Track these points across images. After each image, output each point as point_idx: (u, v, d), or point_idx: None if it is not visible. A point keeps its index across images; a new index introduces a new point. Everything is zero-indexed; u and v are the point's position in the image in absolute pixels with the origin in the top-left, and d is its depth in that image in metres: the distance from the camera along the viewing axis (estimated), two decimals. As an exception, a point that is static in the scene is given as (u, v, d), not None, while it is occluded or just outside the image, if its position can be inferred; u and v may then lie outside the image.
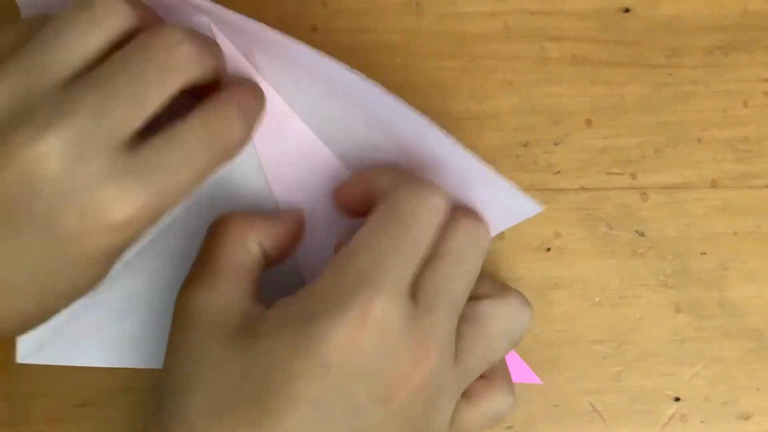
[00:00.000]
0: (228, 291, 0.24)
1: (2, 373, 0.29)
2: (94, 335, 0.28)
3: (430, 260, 0.24)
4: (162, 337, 0.28)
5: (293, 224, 0.27)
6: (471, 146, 0.30)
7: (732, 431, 0.30)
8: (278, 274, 0.28)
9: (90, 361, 0.29)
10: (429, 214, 0.24)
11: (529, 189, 0.30)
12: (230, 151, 0.24)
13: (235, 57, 0.27)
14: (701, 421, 0.30)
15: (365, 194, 0.26)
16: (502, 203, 0.25)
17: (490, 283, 0.26)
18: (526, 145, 0.30)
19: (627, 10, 0.30)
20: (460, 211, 0.25)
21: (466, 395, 0.25)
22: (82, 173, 0.21)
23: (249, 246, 0.25)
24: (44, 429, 0.28)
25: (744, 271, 0.30)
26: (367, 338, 0.22)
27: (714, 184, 0.30)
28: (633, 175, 0.30)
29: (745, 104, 0.30)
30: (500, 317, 0.25)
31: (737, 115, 0.30)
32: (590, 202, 0.30)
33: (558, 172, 0.30)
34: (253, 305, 0.24)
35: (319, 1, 0.30)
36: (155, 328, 0.28)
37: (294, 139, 0.29)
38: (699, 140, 0.30)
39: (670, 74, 0.30)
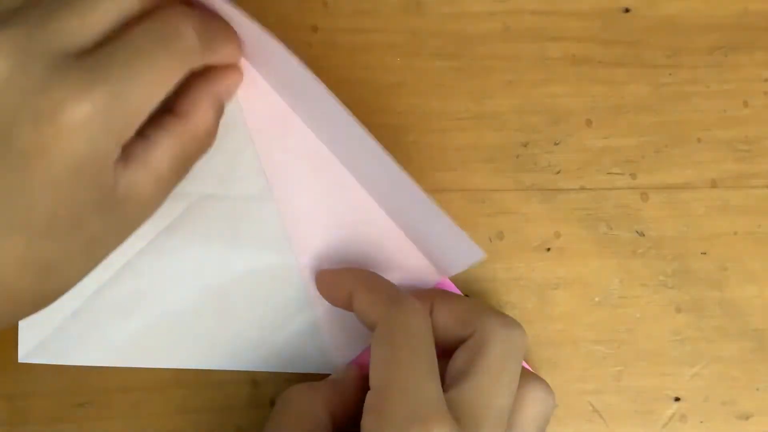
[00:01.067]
0: None
1: (2, 373, 0.29)
2: (96, 334, 0.28)
3: (465, 376, 0.24)
4: (163, 337, 0.29)
5: (356, 384, 0.27)
6: (471, 146, 0.30)
7: (732, 431, 0.30)
8: (278, 278, 0.28)
9: (92, 360, 0.29)
10: (426, 324, 0.24)
11: (529, 189, 0.30)
12: (182, 56, 0.23)
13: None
14: (701, 421, 0.30)
15: (344, 294, 0.27)
16: (455, 248, 0.26)
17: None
18: (526, 145, 0.30)
19: (627, 10, 0.30)
20: (494, 323, 0.25)
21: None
22: (29, 77, 0.21)
23: (318, 417, 0.25)
24: (44, 429, 0.28)
25: (744, 271, 0.30)
26: None
27: (714, 184, 0.30)
28: (633, 175, 0.30)
29: (745, 104, 0.30)
30: (535, 410, 0.25)
31: (737, 115, 0.30)
32: (590, 202, 0.30)
33: (558, 172, 0.30)
34: None
35: (319, 1, 0.30)
36: (157, 328, 0.29)
37: (294, 139, 0.29)
38: (699, 140, 0.30)
39: (670, 74, 0.30)
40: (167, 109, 0.25)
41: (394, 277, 0.28)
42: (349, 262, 0.29)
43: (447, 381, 0.24)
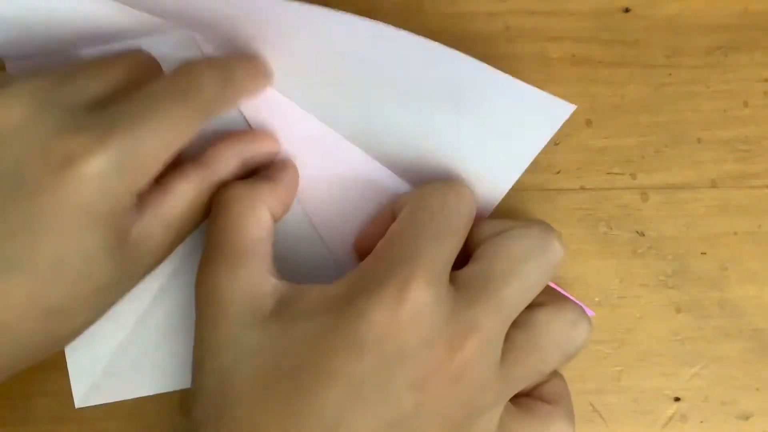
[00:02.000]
0: (253, 272, 0.24)
1: (2, 373, 0.29)
2: (146, 363, 0.28)
3: (478, 259, 0.24)
4: None
5: (294, 181, 0.27)
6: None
7: (732, 431, 0.30)
8: (304, 256, 0.28)
9: (148, 389, 0.28)
10: (458, 202, 0.24)
11: (528, 189, 0.30)
12: (200, 107, 0.24)
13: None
14: (701, 421, 0.30)
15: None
16: (538, 113, 0.26)
17: (549, 292, 0.26)
18: (526, 145, 0.30)
19: (627, 10, 0.30)
20: (534, 227, 0.25)
21: (526, 411, 0.25)
22: (45, 124, 0.21)
23: (261, 216, 0.25)
24: (44, 429, 0.28)
25: (744, 271, 0.30)
26: (403, 319, 0.22)
27: (714, 184, 0.30)
28: (633, 175, 0.30)
29: (745, 104, 0.30)
30: (554, 329, 0.25)
31: (737, 115, 0.30)
32: (590, 202, 0.30)
33: (558, 172, 0.30)
34: (280, 282, 0.24)
35: (319, 1, 0.30)
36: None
37: (296, 126, 0.29)
38: (699, 140, 0.30)
39: (670, 74, 0.30)
40: (191, 157, 0.25)
41: None
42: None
43: (470, 253, 0.24)
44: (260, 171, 0.27)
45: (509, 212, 0.30)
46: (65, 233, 0.22)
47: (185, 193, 0.25)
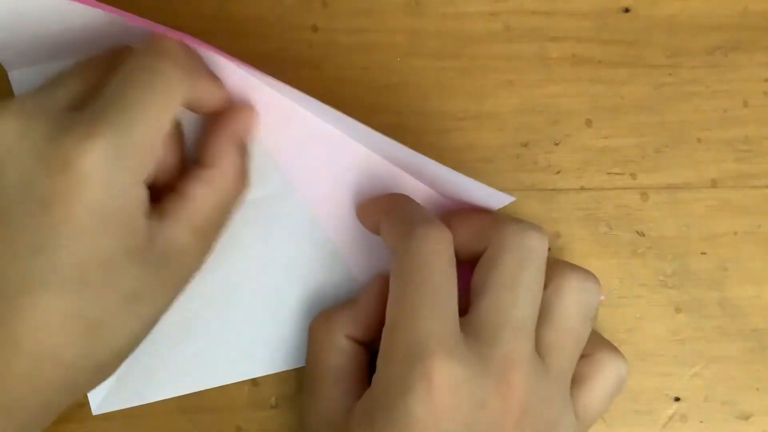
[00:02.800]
0: (330, 399, 0.25)
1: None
2: (160, 367, 0.28)
3: (476, 297, 0.24)
4: (226, 352, 0.28)
5: (376, 301, 0.27)
6: (470, 146, 0.30)
7: (732, 431, 0.30)
8: (321, 266, 0.29)
9: (164, 393, 0.29)
10: (431, 254, 0.23)
11: (529, 189, 0.30)
12: (177, 73, 0.23)
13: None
14: (701, 421, 0.30)
15: (374, 223, 0.27)
16: (481, 201, 0.27)
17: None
18: (526, 145, 0.30)
19: (627, 10, 0.30)
20: (506, 232, 0.24)
21: (577, 382, 0.25)
22: (37, 133, 0.22)
23: (338, 344, 0.26)
24: (44, 429, 0.28)
25: (744, 271, 0.30)
26: (446, 403, 0.22)
27: (714, 184, 0.30)
28: (633, 175, 0.30)
29: (745, 104, 0.30)
30: (571, 307, 0.24)
31: (737, 115, 0.30)
32: (590, 202, 0.30)
33: (558, 172, 0.30)
34: (354, 404, 0.25)
35: (319, 1, 0.30)
36: (217, 345, 0.28)
37: (300, 125, 0.29)
38: (699, 140, 0.30)
39: (670, 74, 0.30)
40: (197, 162, 0.26)
41: None
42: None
43: (471, 299, 0.24)
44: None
45: (510, 212, 0.30)
46: (82, 240, 0.22)
47: (205, 196, 0.25)
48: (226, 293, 0.29)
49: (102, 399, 0.28)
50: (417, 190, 0.29)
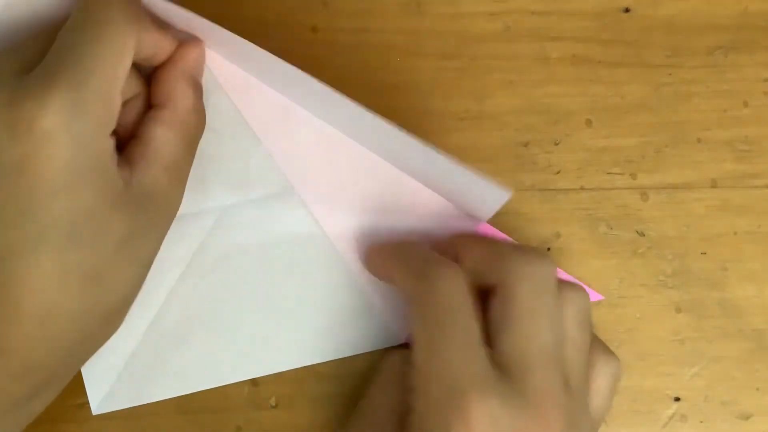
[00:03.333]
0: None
1: (2, 373, 0.28)
2: (160, 368, 0.28)
3: (502, 328, 0.24)
4: (225, 352, 0.28)
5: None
6: (471, 146, 0.30)
7: (732, 431, 0.30)
8: (322, 267, 0.29)
9: (163, 394, 0.29)
10: (446, 292, 0.24)
11: (529, 189, 0.30)
12: (122, 15, 0.23)
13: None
14: (701, 421, 0.30)
15: (385, 273, 0.27)
16: (480, 196, 0.26)
17: None
18: (526, 145, 0.30)
19: (627, 10, 0.30)
20: (515, 264, 0.24)
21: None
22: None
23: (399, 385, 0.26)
24: (44, 429, 0.28)
25: (744, 271, 0.30)
26: None
27: (714, 184, 0.30)
28: (633, 175, 0.30)
29: (745, 104, 0.30)
30: (569, 314, 0.25)
31: (737, 115, 0.30)
32: (590, 202, 0.30)
33: (558, 172, 0.30)
34: None
35: (319, 1, 0.30)
36: (216, 346, 0.28)
37: (299, 127, 0.29)
38: (699, 140, 0.30)
39: (670, 74, 0.30)
40: (151, 104, 0.26)
41: (433, 235, 0.28)
42: (384, 233, 0.28)
43: (491, 334, 0.24)
44: None
45: (510, 212, 0.30)
46: (63, 196, 0.22)
47: (168, 137, 0.25)
48: (226, 293, 0.29)
49: (102, 399, 0.28)
50: (417, 191, 0.29)
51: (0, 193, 0.21)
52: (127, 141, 0.25)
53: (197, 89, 0.27)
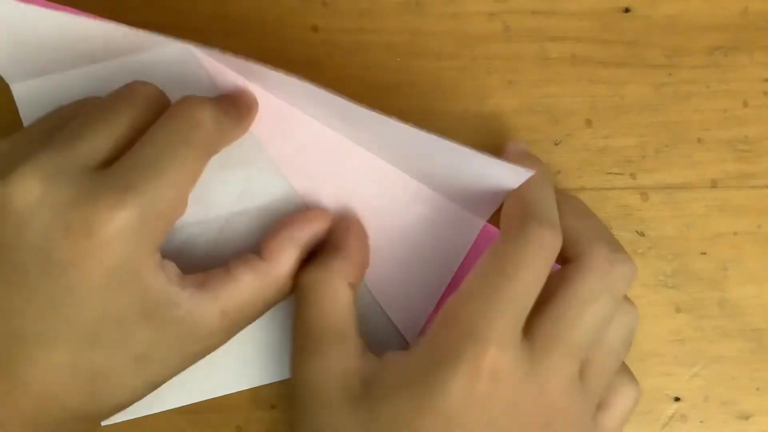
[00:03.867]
0: (340, 355, 0.24)
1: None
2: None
3: (548, 301, 0.24)
4: (230, 362, 0.28)
5: (362, 240, 0.27)
6: (471, 146, 0.30)
7: (732, 431, 0.30)
8: None
9: (168, 404, 0.29)
10: (535, 257, 0.23)
11: (529, 189, 0.30)
12: (204, 144, 0.24)
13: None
14: (701, 421, 0.30)
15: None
16: (498, 177, 0.26)
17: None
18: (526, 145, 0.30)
19: (627, 10, 0.30)
20: (599, 250, 0.24)
21: (598, 405, 0.25)
22: (59, 195, 0.22)
23: (341, 294, 0.25)
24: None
25: (744, 271, 0.30)
26: (484, 390, 0.22)
27: (714, 184, 0.30)
28: (633, 175, 0.30)
29: (745, 104, 0.30)
30: (619, 327, 0.25)
31: (737, 115, 0.30)
32: (590, 202, 0.30)
33: (558, 172, 0.30)
34: (365, 360, 0.25)
35: (319, 1, 0.30)
36: (220, 355, 0.28)
37: (302, 131, 0.29)
38: (699, 140, 0.30)
39: (670, 74, 0.30)
40: (255, 251, 0.26)
41: (436, 235, 0.28)
42: (388, 236, 0.28)
43: (538, 300, 0.24)
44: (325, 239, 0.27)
45: (509, 212, 0.30)
46: (98, 301, 0.22)
47: (249, 283, 0.25)
48: None
49: None
50: (419, 192, 0.29)
51: (37, 282, 0.22)
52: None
53: (299, 259, 0.26)
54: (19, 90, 0.28)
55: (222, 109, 0.25)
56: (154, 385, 0.25)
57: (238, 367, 0.29)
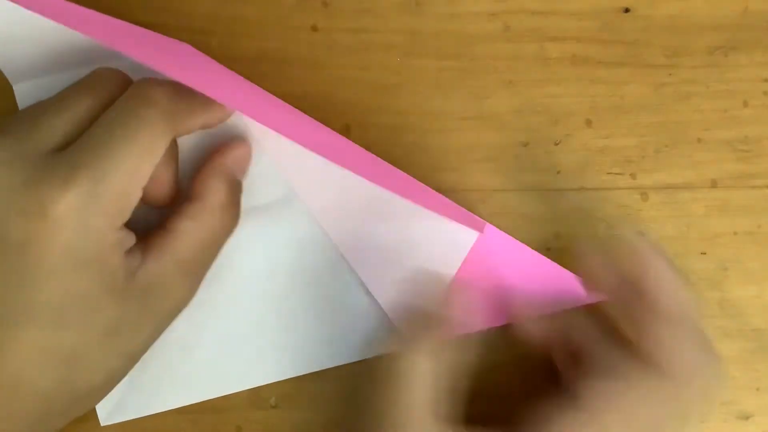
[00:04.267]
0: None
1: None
2: (168, 377, 0.28)
3: (575, 401, 0.24)
4: (233, 361, 0.29)
5: (457, 312, 0.26)
6: (471, 146, 0.30)
7: (732, 431, 0.30)
8: (326, 272, 0.29)
9: (172, 403, 0.29)
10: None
11: (529, 189, 0.30)
12: (158, 124, 0.24)
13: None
14: (701, 421, 0.30)
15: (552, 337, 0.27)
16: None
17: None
18: (526, 145, 0.30)
19: (627, 10, 0.30)
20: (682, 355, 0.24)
21: None
22: (15, 178, 0.22)
23: (423, 371, 0.24)
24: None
25: (744, 271, 0.30)
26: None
27: (714, 184, 0.30)
28: (633, 175, 0.30)
29: (745, 104, 0.30)
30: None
31: (737, 115, 0.30)
32: (590, 202, 0.30)
33: (558, 172, 0.30)
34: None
35: (319, 1, 0.30)
36: (224, 354, 0.28)
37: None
38: (699, 140, 0.30)
39: (670, 74, 0.30)
40: (186, 197, 0.26)
41: (431, 247, 0.28)
42: (388, 237, 0.28)
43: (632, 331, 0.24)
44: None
45: (510, 212, 0.30)
46: (59, 280, 0.22)
47: (190, 231, 0.25)
48: (231, 301, 0.28)
49: (110, 411, 0.28)
50: (414, 208, 0.29)
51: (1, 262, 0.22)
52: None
53: (232, 187, 0.26)
54: (21, 90, 0.28)
55: (179, 90, 0.25)
56: (130, 357, 0.25)
57: (238, 367, 0.29)
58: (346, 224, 0.29)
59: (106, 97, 0.24)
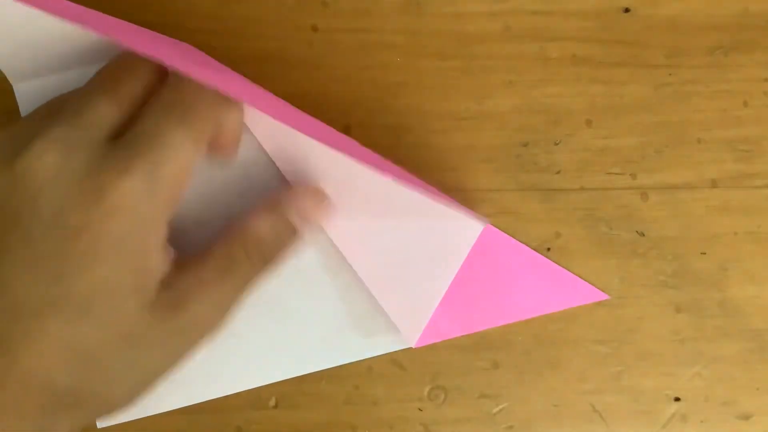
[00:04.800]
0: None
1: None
2: (167, 379, 0.28)
3: None
4: (231, 363, 0.29)
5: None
6: (471, 146, 0.30)
7: (732, 431, 0.30)
8: (325, 270, 0.29)
9: (167, 405, 0.29)
10: None
11: (529, 189, 0.30)
12: (206, 108, 0.24)
13: None
14: (701, 421, 0.30)
15: None
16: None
17: None
18: (526, 145, 0.30)
19: (627, 10, 0.30)
20: None
21: None
22: (75, 166, 0.22)
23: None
24: None
25: (744, 271, 0.30)
26: None
27: (714, 184, 0.30)
28: (633, 175, 0.30)
29: (745, 104, 0.30)
30: None
31: (737, 115, 0.30)
32: (590, 202, 0.30)
33: (558, 172, 0.30)
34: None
35: (319, 1, 0.30)
36: (221, 356, 0.28)
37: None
38: (699, 140, 0.30)
39: (670, 74, 0.30)
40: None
41: (435, 239, 0.28)
42: (388, 234, 0.28)
43: None
44: None
45: (510, 212, 0.30)
46: (98, 269, 0.22)
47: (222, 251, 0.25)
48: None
49: None
50: (418, 198, 0.29)
51: (46, 251, 0.22)
52: None
53: (288, 238, 0.27)
54: (21, 90, 0.28)
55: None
56: (143, 377, 0.24)
57: (238, 368, 0.29)
58: (346, 221, 0.29)
59: (145, 80, 0.25)
